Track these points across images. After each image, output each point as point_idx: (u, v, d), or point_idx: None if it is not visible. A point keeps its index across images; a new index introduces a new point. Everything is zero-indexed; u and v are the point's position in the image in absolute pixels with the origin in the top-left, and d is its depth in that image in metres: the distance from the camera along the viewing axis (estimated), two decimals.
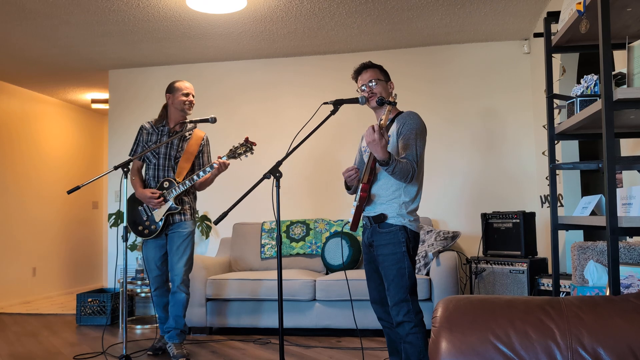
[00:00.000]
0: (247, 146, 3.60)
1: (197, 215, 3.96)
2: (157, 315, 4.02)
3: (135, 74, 5.75)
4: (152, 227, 3.72)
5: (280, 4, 4.13)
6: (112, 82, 5.81)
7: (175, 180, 3.70)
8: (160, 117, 3.80)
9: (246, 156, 3.64)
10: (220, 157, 3.62)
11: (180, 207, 3.72)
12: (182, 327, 3.76)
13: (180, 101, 3.73)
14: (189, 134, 3.81)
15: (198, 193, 4.44)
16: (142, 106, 5.70)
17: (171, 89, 3.76)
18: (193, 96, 3.80)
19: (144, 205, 3.74)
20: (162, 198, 3.68)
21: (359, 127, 5.17)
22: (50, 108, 7.00)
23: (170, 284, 3.80)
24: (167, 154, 3.74)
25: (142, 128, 3.81)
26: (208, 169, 3.63)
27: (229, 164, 3.64)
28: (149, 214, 3.72)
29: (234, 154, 3.60)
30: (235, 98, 5.54)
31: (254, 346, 4.09)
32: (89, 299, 5.03)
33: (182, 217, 3.75)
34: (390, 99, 2.69)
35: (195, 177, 3.65)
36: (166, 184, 3.71)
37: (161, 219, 3.69)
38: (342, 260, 4.63)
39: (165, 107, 3.82)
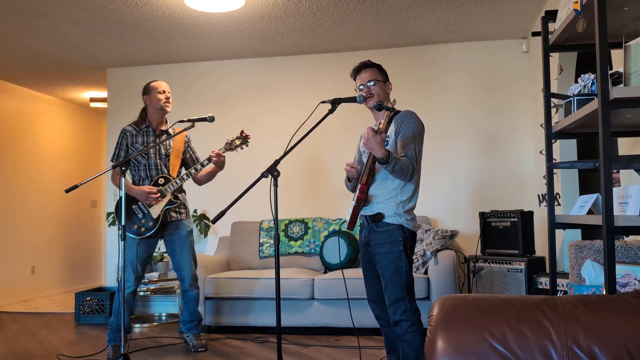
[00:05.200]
0: (242, 138, 3.74)
1: (190, 212, 4.04)
2: (110, 323, 3.74)
3: (133, 73, 5.74)
4: (150, 224, 3.72)
5: (278, 3, 4.13)
6: (110, 81, 5.81)
7: (170, 176, 3.78)
8: (141, 118, 3.85)
9: (242, 148, 3.77)
10: (214, 151, 3.72)
11: (177, 202, 3.79)
12: (199, 318, 4.00)
13: (157, 99, 3.78)
14: (173, 131, 3.86)
15: (196, 193, 4.56)
16: (140, 105, 5.62)
17: (147, 90, 3.83)
18: (169, 92, 3.85)
19: (139, 203, 3.75)
20: (159, 194, 3.72)
21: (357, 125, 5.16)
22: (49, 107, 7.00)
23: (180, 283, 3.95)
24: (158, 153, 3.80)
25: (124, 131, 3.83)
26: (205, 162, 3.72)
27: (224, 156, 3.74)
28: (145, 211, 3.73)
29: (230, 146, 3.73)
30: (233, 97, 5.54)
31: (252, 345, 4.09)
32: (88, 298, 5.03)
33: (178, 215, 3.83)
34: (389, 104, 2.67)
35: (192, 172, 3.74)
36: (161, 181, 3.77)
37: (159, 215, 3.72)
38: (340, 259, 4.63)
39: (144, 110, 3.87)
